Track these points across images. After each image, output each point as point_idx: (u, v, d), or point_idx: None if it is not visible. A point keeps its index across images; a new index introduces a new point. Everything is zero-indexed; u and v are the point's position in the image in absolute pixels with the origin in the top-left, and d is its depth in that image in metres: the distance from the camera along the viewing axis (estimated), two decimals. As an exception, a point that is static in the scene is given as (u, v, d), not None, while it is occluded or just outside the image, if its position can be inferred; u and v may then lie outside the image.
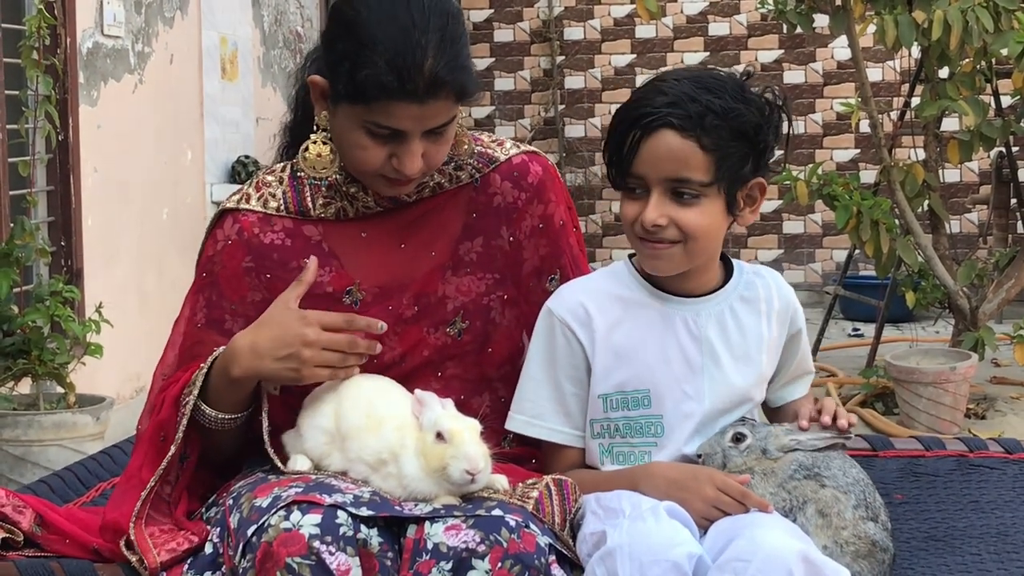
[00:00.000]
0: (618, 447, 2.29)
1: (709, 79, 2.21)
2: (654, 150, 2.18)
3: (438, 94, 2.17)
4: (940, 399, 5.96)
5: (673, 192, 2.19)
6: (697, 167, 2.18)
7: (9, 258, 5.05)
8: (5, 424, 4.90)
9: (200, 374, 2.23)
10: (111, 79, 6.36)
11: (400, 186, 2.29)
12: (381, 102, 2.16)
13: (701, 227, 2.21)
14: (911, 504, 2.56)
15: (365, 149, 2.22)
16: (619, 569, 1.95)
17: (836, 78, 9.78)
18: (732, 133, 2.18)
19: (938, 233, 6.64)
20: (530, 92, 10.21)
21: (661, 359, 2.28)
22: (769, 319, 2.33)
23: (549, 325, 2.31)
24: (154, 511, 2.22)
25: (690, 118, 2.16)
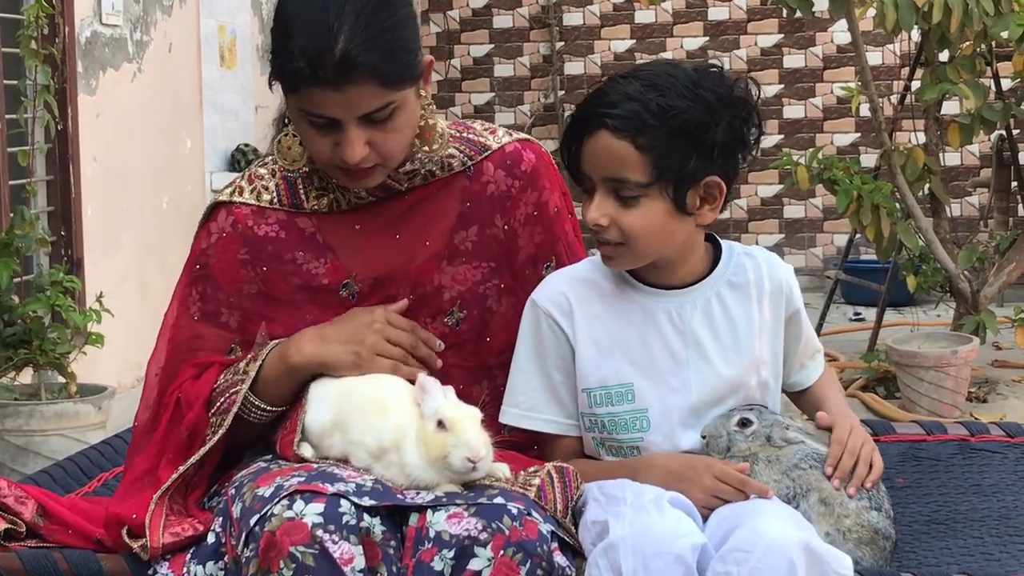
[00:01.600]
0: (608, 441, 2.28)
1: (661, 76, 2.18)
2: (592, 151, 2.19)
3: (353, 78, 2.11)
4: (942, 383, 5.96)
5: (615, 193, 2.19)
6: (634, 167, 2.16)
7: (9, 248, 5.04)
8: (7, 414, 4.90)
9: (254, 365, 2.24)
10: (110, 68, 6.35)
11: (357, 177, 2.24)
12: (302, 90, 2.13)
13: (641, 228, 2.19)
14: (913, 488, 2.56)
15: (312, 140, 2.21)
16: (622, 562, 1.95)
17: (836, 62, 9.76)
18: (671, 132, 2.15)
19: (939, 217, 6.64)
20: (529, 78, 10.20)
21: (644, 353, 2.27)
22: (760, 302, 2.31)
23: (534, 316, 2.31)
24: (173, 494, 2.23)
25: (625, 119, 2.15)
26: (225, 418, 2.23)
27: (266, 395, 2.24)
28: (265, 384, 2.24)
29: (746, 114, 2.21)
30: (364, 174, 2.23)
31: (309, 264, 2.34)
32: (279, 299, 2.34)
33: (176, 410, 2.28)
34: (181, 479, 2.24)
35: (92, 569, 2.16)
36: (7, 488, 2.28)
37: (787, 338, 2.36)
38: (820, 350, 2.44)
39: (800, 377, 2.41)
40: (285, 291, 2.33)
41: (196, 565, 2.10)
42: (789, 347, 2.37)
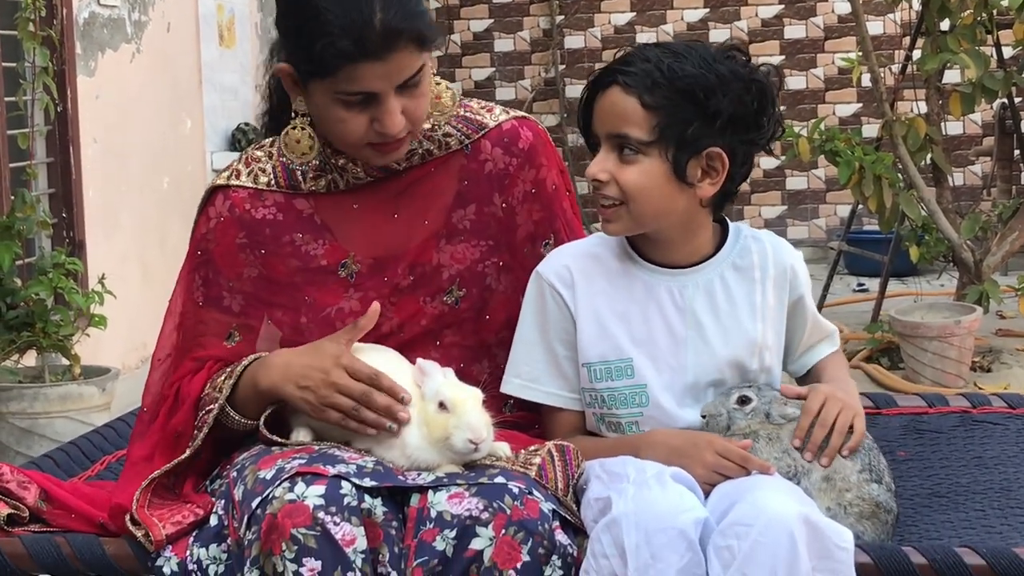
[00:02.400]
0: (608, 417, 2.29)
1: (682, 46, 2.23)
2: (602, 106, 2.23)
3: (397, 46, 2.15)
4: (945, 353, 5.96)
5: (618, 150, 2.22)
6: (638, 123, 2.19)
7: (11, 231, 5.05)
8: (11, 397, 4.92)
9: (228, 383, 2.23)
10: (108, 49, 6.34)
11: (389, 151, 2.27)
12: (344, 69, 2.15)
13: (639, 185, 2.21)
14: (915, 461, 2.56)
15: (345, 122, 2.21)
16: (625, 537, 1.95)
17: (837, 32, 9.74)
18: (678, 93, 2.17)
19: (941, 187, 6.63)
20: (530, 53, 10.18)
21: (644, 329, 2.27)
22: (764, 286, 2.31)
23: (539, 288, 2.31)
24: (157, 496, 2.23)
25: (636, 75, 2.19)
26: (198, 435, 2.24)
27: (244, 411, 2.24)
28: (243, 403, 2.24)
29: (759, 94, 2.22)
30: (397, 145, 2.26)
31: (307, 245, 2.34)
32: (279, 281, 2.34)
33: (174, 404, 2.29)
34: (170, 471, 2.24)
35: (95, 553, 2.16)
36: (10, 473, 2.29)
37: (792, 325, 2.36)
38: (830, 334, 2.42)
39: (805, 359, 2.40)
40: (284, 273, 2.34)
41: (199, 548, 2.11)
42: (794, 334, 2.37)
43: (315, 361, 2.17)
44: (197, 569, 2.09)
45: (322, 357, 2.17)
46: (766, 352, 2.30)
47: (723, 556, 1.95)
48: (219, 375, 2.27)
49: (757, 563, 1.92)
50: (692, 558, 1.96)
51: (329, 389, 2.14)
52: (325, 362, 2.15)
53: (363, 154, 2.28)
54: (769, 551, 1.92)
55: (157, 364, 2.36)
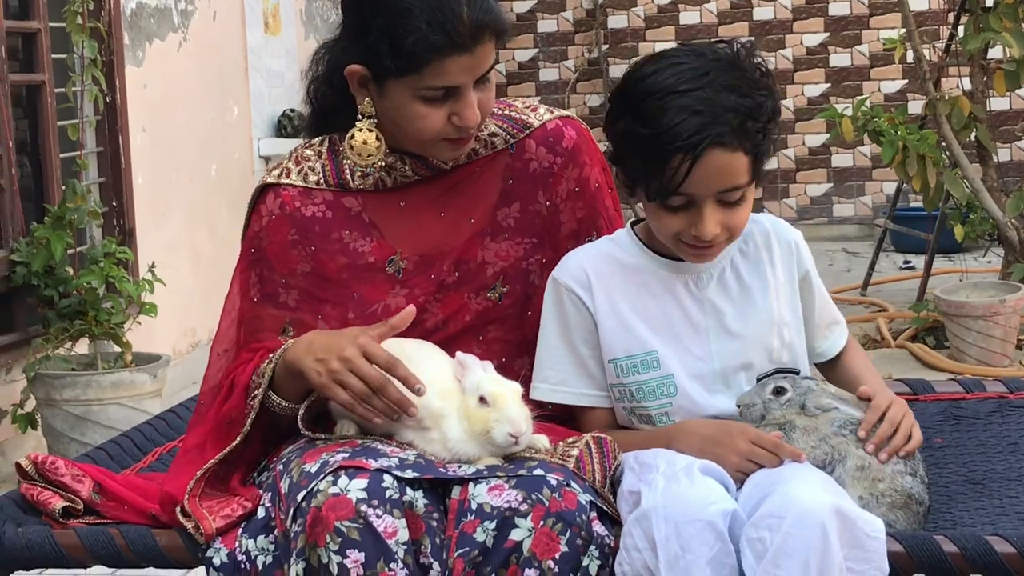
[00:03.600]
0: (638, 410, 2.33)
1: (722, 75, 2.20)
2: (706, 171, 2.17)
3: (482, 38, 2.24)
4: (990, 332, 5.96)
5: (720, 201, 2.22)
6: (744, 172, 2.22)
7: (62, 221, 5.13)
8: (64, 384, 5.00)
9: (269, 367, 2.28)
10: (155, 39, 6.41)
11: (462, 145, 2.34)
12: (432, 64, 2.22)
13: (746, 220, 2.28)
14: (951, 448, 2.58)
15: (424, 118, 2.27)
16: (655, 530, 1.99)
17: (881, 8, 9.70)
18: (763, 128, 2.22)
19: (986, 165, 6.61)
20: (573, 33, 10.19)
21: (664, 322, 2.31)
22: (772, 264, 2.36)
23: (556, 293, 2.35)
24: (209, 487, 2.28)
25: (733, 131, 2.17)
26: (247, 420, 2.29)
27: (283, 393, 2.28)
28: (280, 383, 2.28)
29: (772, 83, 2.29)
30: (468, 139, 2.34)
31: (355, 242, 2.39)
32: (328, 278, 2.39)
33: (228, 391, 2.34)
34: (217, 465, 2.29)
35: (148, 544, 2.22)
36: (64, 467, 2.35)
37: (804, 302, 2.39)
38: (839, 320, 2.46)
39: (825, 347, 2.44)
40: (334, 270, 2.39)
41: (248, 539, 2.16)
42: (806, 312, 2.40)
43: (336, 339, 2.21)
44: (246, 560, 2.15)
45: (343, 336, 2.21)
46: (784, 328, 2.34)
47: (756, 548, 1.99)
48: (263, 363, 2.33)
49: (789, 555, 1.95)
50: (721, 548, 2.00)
51: (341, 364, 2.15)
52: (343, 340, 2.19)
53: (434, 149, 2.34)
54: (801, 543, 1.95)
55: (215, 359, 2.42)
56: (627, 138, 2.24)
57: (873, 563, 2.00)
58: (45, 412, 5.05)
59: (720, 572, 2.00)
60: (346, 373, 2.15)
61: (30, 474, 2.37)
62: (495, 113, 2.44)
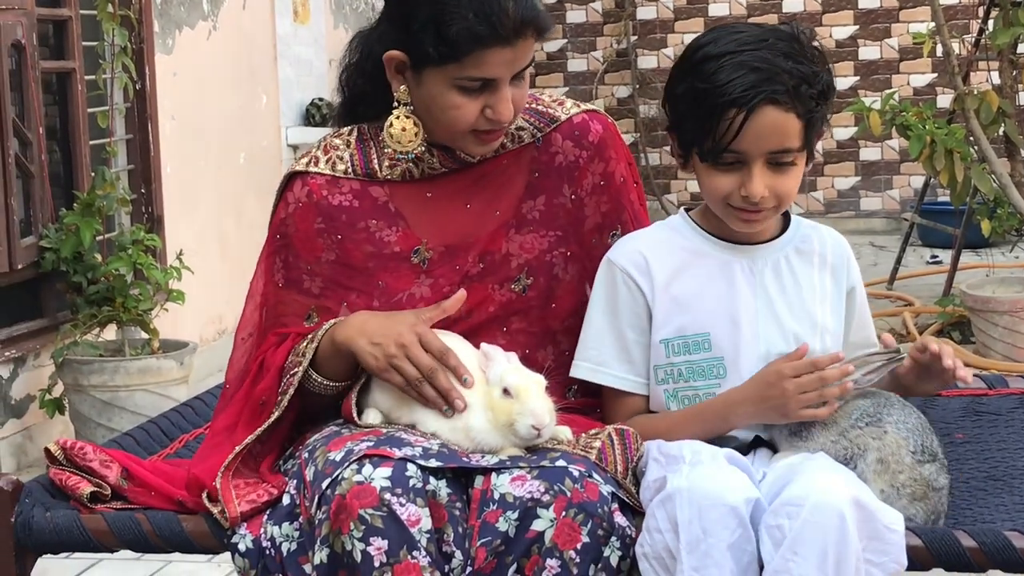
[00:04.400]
0: (683, 391, 2.34)
1: (781, 43, 2.25)
2: (758, 127, 2.21)
3: (525, 34, 2.27)
4: (1016, 327, 5.95)
5: (771, 162, 2.25)
6: (795, 136, 2.24)
7: (91, 208, 5.17)
8: (92, 370, 5.04)
9: (311, 346, 2.31)
10: (185, 26, 6.45)
11: (491, 139, 2.37)
12: (474, 54, 2.25)
13: (794, 190, 2.30)
14: (972, 444, 2.59)
15: (459, 108, 2.30)
16: (678, 512, 2.01)
17: (912, 1, 9.67)
18: (818, 96, 2.25)
19: (1014, 160, 6.58)
20: (602, 24, 10.19)
21: (719, 304, 2.33)
22: (822, 272, 2.38)
23: (610, 275, 2.37)
24: (242, 465, 2.31)
25: (787, 91, 2.21)
26: (283, 399, 2.31)
27: (325, 371, 2.31)
28: (322, 362, 2.31)
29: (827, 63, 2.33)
30: (499, 134, 2.37)
31: (381, 232, 2.41)
32: (354, 266, 2.41)
33: (258, 374, 2.36)
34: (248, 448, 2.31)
35: (174, 530, 2.25)
36: (92, 452, 2.38)
37: (845, 316, 2.42)
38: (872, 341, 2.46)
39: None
40: (359, 259, 2.41)
41: (273, 526, 2.18)
42: (844, 327, 2.42)
43: (391, 323, 2.25)
44: (271, 546, 2.17)
45: (398, 321, 2.25)
46: (827, 335, 2.36)
47: (774, 535, 2.01)
48: (302, 342, 2.35)
49: (807, 542, 1.97)
50: (743, 534, 2.01)
51: (400, 350, 2.21)
52: (400, 326, 2.24)
53: (464, 142, 2.36)
54: (819, 530, 1.97)
55: (240, 343, 2.45)
56: (684, 98, 2.28)
57: (892, 555, 2.01)
58: (73, 397, 5.10)
59: (740, 558, 2.02)
60: (402, 359, 2.20)
61: (58, 459, 2.39)
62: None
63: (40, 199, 5.27)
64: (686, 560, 2.00)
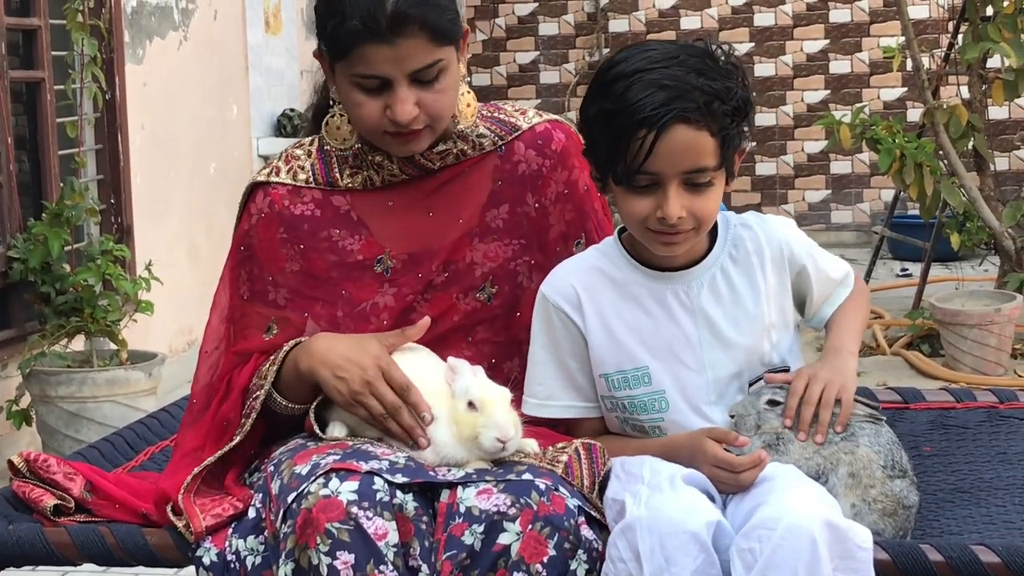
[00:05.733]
0: (632, 421, 2.33)
1: (692, 59, 2.20)
2: (670, 146, 2.16)
3: (404, 31, 2.23)
4: (985, 340, 5.97)
5: (687, 183, 2.20)
6: (709, 154, 2.19)
7: (60, 218, 5.13)
8: (60, 381, 5.01)
9: (272, 369, 2.30)
10: (156, 37, 6.42)
11: (407, 141, 2.33)
12: (355, 50, 2.24)
13: (714, 211, 2.25)
14: (940, 456, 2.59)
15: (361, 106, 2.29)
16: (639, 543, 2.00)
17: (882, 16, 9.71)
18: (731, 112, 2.20)
19: (983, 174, 6.62)
20: (574, 36, 10.20)
21: (656, 335, 2.30)
22: (763, 270, 2.33)
23: (545, 310, 2.35)
24: (204, 485, 2.30)
25: (698, 108, 2.16)
26: (246, 422, 2.31)
27: (289, 395, 2.31)
28: (286, 386, 2.31)
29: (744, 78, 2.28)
30: (414, 136, 2.32)
31: (344, 241, 2.41)
32: (316, 276, 2.40)
33: (225, 392, 2.36)
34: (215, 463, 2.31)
35: (138, 543, 2.23)
36: (56, 465, 2.36)
37: (803, 290, 2.38)
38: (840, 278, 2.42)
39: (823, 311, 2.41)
40: (322, 268, 2.40)
41: (238, 539, 2.17)
42: (806, 296, 2.38)
43: (355, 355, 2.23)
44: (235, 560, 2.16)
45: (362, 353, 2.23)
46: (773, 331, 2.34)
47: (745, 558, 1.99)
48: (264, 363, 2.34)
49: (779, 566, 1.96)
50: (705, 559, 2.00)
51: (364, 387, 2.21)
52: (364, 359, 2.22)
53: (382, 142, 2.36)
54: (791, 554, 1.96)
55: (205, 356, 2.44)
56: (596, 120, 2.22)
57: (861, 573, 2.00)
58: (40, 408, 5.06)
59: None
60: (367, 395, 2.21)
61: (22, 471, 2.38)
62: (484, 116, 2.46)
63: (8, 209, 5.23)
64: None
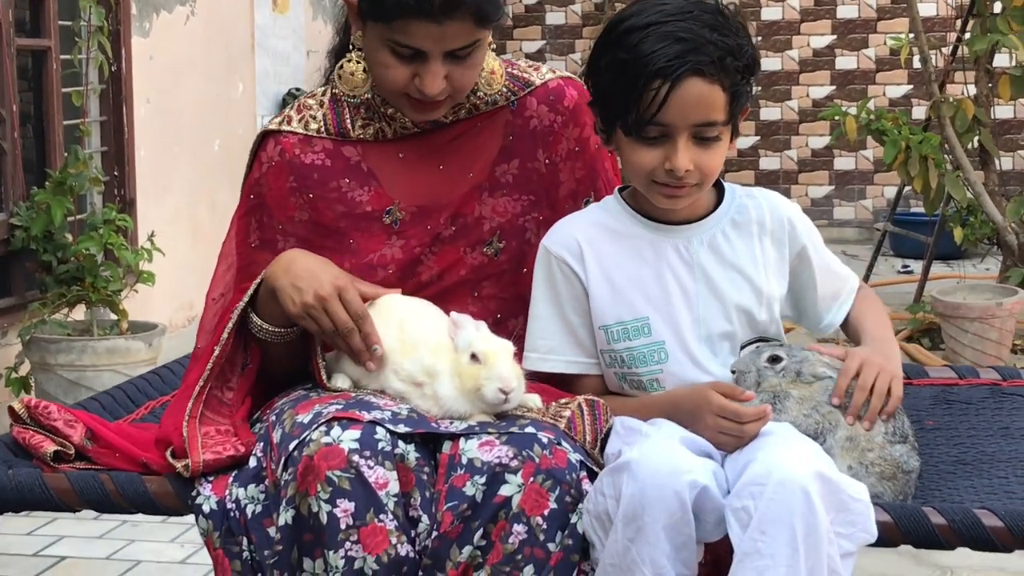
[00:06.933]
0: (629, 376, 2.32)
1: (706, 15, 2.21)
2: (683, 98, 2.16)
3: (454, 15, 2.21)
4: (986, 334, 5.97)
5: (695, 136, 2.20)
6: (720, 109, 2.20)
7: (63, 186, 5.14)
8: (60, 349, 5.01)
9: (252, 284, 2.30)
10: (163, 10, 6.42)
11: (425, 109, 2.33)
12: (400, 20, 2.22)
13: (718, 166, 2.25)
14: (942, 430, 2.58)
15: (389, 68, 2.28)
16: (623, 486, 1.99)
17: (890, 13, 9.71)
18: (743, 70, 2.21)
19: (988, 169, 6.62)
20: (581, 26, 10.20)
21: (656, 287, 2.30)
22: (762, 240, 2.34)
23: (547, 262, 2.34)
24: (213, 412, 2.29)
25: (713, 62, 2.16)
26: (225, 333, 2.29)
27: (264, 313, 2.30)
28: (261, 303, 2.30)
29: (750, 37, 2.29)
30: (433, 106, 2.32)
31: (353, 192, 2.40)
32: (325, 225, 2.40)
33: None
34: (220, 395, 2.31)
35: (138, 490, 2.22)
36: (57, 412, 2.35)
37: (802, 276, 2.39)
38: (845, 274, 2.44)
39: (828, 320, 2.43)
40: (331, 218, 2.39)
41: (238, 488, 2.16)
42: (805, 286, 2.39)
43: (317, 270, 2.24)
44: (235, 508, 2.15)
45: (324, 271, 2.24)
46: (775, 304, 2.34)
47: (740, 517, 1.98)
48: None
49: (774, 521, 1.95)
50: (682, 518, 1.98)
51: (317, 302, 2.20)
52: (324, 277, 2.23)
53: (399, 103, 2.35)
54: (785, 507, 1.95)
55: (211, 304, 2.43)
56: (607, 70, 2.23)
57: (859, 525, 2.00)
58: (39, 376, 5.06)
59: (675, 539, 1.99)
60: (319, 311, 2.21)
61: (22, 418, 2.37)
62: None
63: (12, 177, 5.24)
64: (621, 531, 1.98)
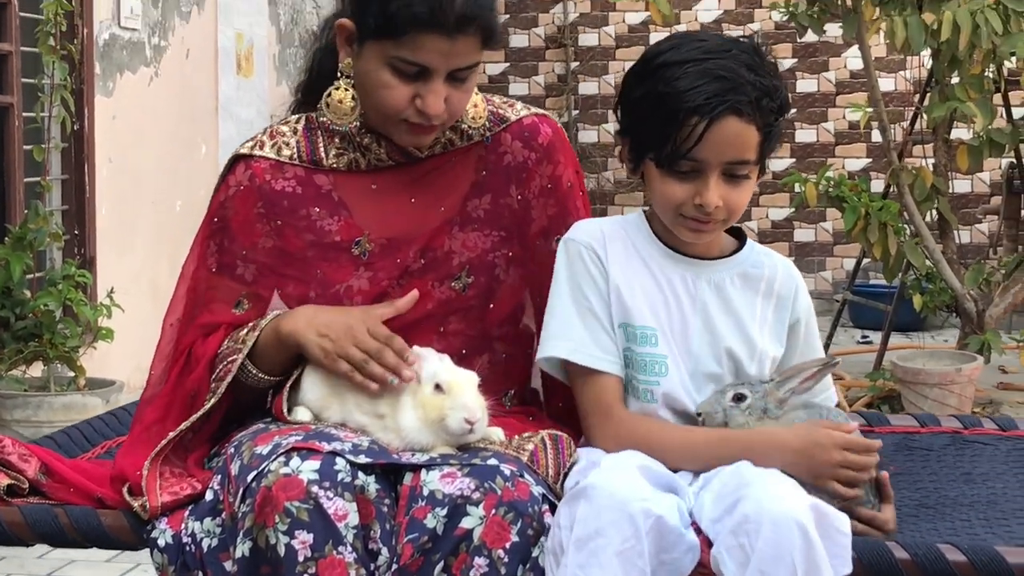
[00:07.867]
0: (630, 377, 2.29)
1: (743, 55, 2.23)
2: (719, 136, 2.19)
3: (467, 30, 2.22)
4: (945, 400, 5.99)
5: (726, 173, 2.23)
6: (752, 148, 2.22)
7: (23, 242, 5.11)
8: (16, 405, 4.96)
9: (252, 335, 2.28)
10: (127, 71, 6.42)
11: (420, 133, 2.32)
12: (411, 34, 2.21)
13: (744, 204, 2.27)
14: (904, 475, 2.58)
15: (390, 88, 2.26)
16: (579, 511, 1.97)
17: (849, 87, 9.82)
18: (776, 110, 2.24)
19: (946, 238, 6.67)
20: (544, 49, 10.32)
21: (662, 306, 2.30)
22: (767, 300, 2.34)
23: (571, 252, 2.32)
24: (171, 454, 2.27)
25: (750, 102, 2.19)
26: (220, 385, 2.27)
27: (262, 363, 2.28)
28: (261, 352, 2.28)
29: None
30: (430, 130, 2.32)
31: (323, 220, 2.38)
32: (291, 254, 2.37)
33: (186, 365, 2.32)
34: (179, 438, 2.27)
35: (92, 524, 2.19)
36: (11, 446, 2.32)
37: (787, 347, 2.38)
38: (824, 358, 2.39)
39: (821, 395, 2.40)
40: (298, 246, 2.37)
41: (194, 521, 2.14)
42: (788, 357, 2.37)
43: (341, 317, 2.25)
44: (191, 542, 2.12)
45: (348, 315, 2.25)
46: (767, 361, 2.32)
47: (736, 555, 1.97)
48: (240, 330, 2.32)
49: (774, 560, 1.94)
50: (635, 546, 1.96)
51: (348, 339, 2.20)
52: (351, 318, 2.24)
53: (395, 129, 2.33)
54: (784, 547, 1.94)
55: (168, 329, 2.40)
56: (643, 103, 2.24)
57: (840, 558, 2.00)
58: (-6, 432, 5.00)
59: (627, 567, 1.97)
60: (350, 347, 2.19)
61: (-24, 453, 2.33)
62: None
63: (-29, 232, 5.21)
64: (572, 556, 1.96)
